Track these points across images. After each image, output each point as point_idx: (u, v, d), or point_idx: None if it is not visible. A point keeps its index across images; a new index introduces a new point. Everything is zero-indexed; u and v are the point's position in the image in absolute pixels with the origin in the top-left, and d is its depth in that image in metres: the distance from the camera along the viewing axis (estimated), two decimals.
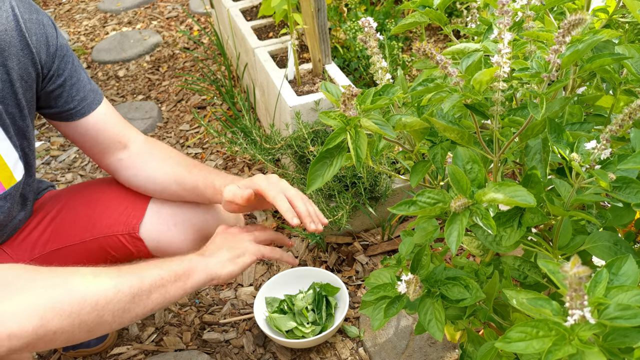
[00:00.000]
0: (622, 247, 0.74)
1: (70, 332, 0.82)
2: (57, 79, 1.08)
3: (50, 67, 1.06)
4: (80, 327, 0.83)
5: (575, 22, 0.62)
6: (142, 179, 1.21)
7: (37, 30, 1.02)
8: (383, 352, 1.39)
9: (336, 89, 0.79)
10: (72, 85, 1.10)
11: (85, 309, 0.83)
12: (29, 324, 0.78)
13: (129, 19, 3.56)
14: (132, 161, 1.20)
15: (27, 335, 0.77)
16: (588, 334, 0.55)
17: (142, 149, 1.21)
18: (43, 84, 1.07)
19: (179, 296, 0.97)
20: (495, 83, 0.69)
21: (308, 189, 0.74)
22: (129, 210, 1.22)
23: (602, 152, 0.66)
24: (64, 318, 0.81)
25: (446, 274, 0.84)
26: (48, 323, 0.79)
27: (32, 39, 1.01)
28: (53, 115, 1.12)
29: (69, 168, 2.32)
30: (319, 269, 1.54)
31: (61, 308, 0.81)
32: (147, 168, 1.20)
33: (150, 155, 1.21)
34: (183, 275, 0.98)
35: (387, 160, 1.61)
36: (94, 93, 1.14)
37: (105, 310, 0.86)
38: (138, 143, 1.21)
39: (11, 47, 0.99)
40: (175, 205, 1.24)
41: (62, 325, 0.81)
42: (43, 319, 0.79)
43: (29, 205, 1.20)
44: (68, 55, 1.09)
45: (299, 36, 2.06)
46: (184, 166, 1.20)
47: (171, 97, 2.68)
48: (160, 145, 1.24)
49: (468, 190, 0.69)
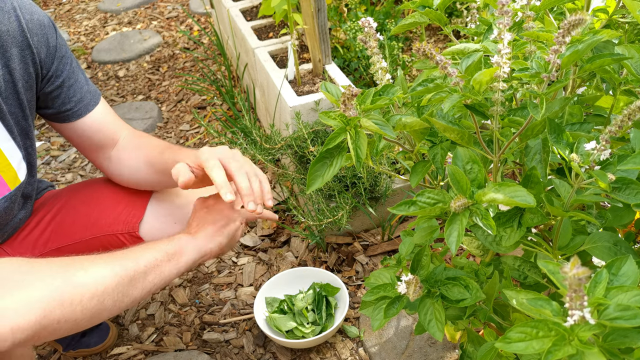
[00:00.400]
0: (622, 247, 0.74)
1: (73, 320, 0.83)
2: (56, 80, 1.08)
3: (49, 67, 1.06)
4: (83, 314, 0.84)
5: (575, 23, 0.62)
6: (121, 168, 1.21)
7: (38, 31, 1.03)
8: (383, 352, 1.39)
9: (336, 89, 0.79)
10: (69, 86, 1.10)
11: (86, 296, 0.84)
12: (32, 316, 0.78)
13: (129, 19, 3.56)
14: (117, 155, 1.20)
15: (30, 327, 0.78)
16: (588, 335, 0.55)
17: (127, 142, 1.21)
18: (42, 84, 1.07)
19: (174, 275, 0.99)
20: (495, 83, 0.69)
21: (308, 189, 0.74)
22: (129, 209, 1.23)
23: (601, 153, 0.66)
24: (66, 307, 0.82)
25: (446, 274, 0.84)
26: (50, 313, 0.80)
27: (34, 40, 1.02)
28: (50, 116, 1.13)
29: (69, 168, 2.32)
30: (319, 269, 1.54)
31: (61, 297, 0.81)
32: (126, 157, 1.20)
33: (130, 145, 1.21)
34: (175, 254, 1.00)
35: (387, 160, 1.61)
36: (91, 94, 1.14)
37: (105, 295, 0.87)
38: (124, 137, 1.21)
39: (13, 48, 0.99)
40: (174, 203, 1.24)
41: (64, 314, 0.81)
42: (45, 310, 0.79)
43: (29, 204, 1.20)
44: (67, 56, 1.10)
45: (299, 36, 2.06)
46: (157, 149, 1.17)
47: (171, 97, 2.68)
48: (142, 134, 1.22)
49: (468, 191, 0.69)
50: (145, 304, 1.65)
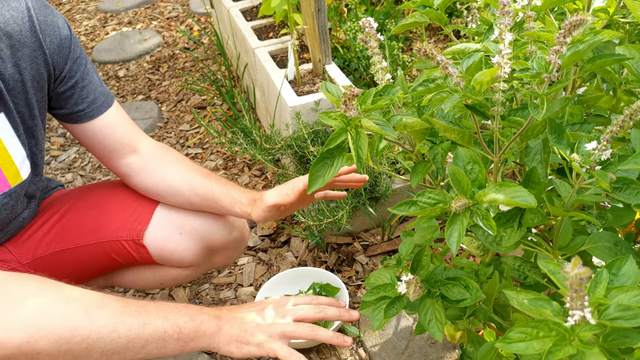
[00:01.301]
0: (622, 247, 0.74)
1: (54, 356, 0.81)
2: (69, 80, 1.08)
3: (62, 68, 1.06)
4: (65, 355, 0.82)
5: (576, 23, 0.62)
6: (154, 183, 1.20)
7: (51, 32, 1.03)
8: (383, 352, 1.39)
9: (336, 89, 0.79)
10: (83, 87, 1.10)
11: (76, 339, 0.82)
12: (16, 338, 0.77)
13: (129, 19, 3.56)
14: (143, 165, 1.19)
15: (10, 347, 0.77)
16: (588, 335, 0.55)
17: (154, 152, 1.20)
18: (55, 85, 1.07)
19: (175, 353, 0.93)
20: (495, 83, 0.69)
21: (309, 190, 0.74)
22: (135, 215, 1.22)
23: (602, 153, 0.66)
24: (52, 342, 0.80)
25: (446, 274, 0.84)
26: (35, 342, 0.78)
27: (46, 40, 1.02)
28: (63, 116, 1.13)
29: (69, 168, 2.32)
30: (319, 269, 1.54)
31: (52, 331, 0.80)
32: (160, 172, 1.19)
33: (163, 158, 1.20)
34: (187, 336, 0.94)
35: (387, 160, 1.62)
36: (104, 96, 1.14)
37: (95, 346, 0.84)
38: (149, 147, 1.20)
39: (25, 48, 0.99)
40: (182, 212, 1.23)
41: (48, 348, 0.80)
42: (31, 337, 0.78)
43: (34, 204, 1.19)
44: (81, 57, 1.10)
45: (299, 36, 2.06)
46: (198, 172, 1.20)
47: (171, 97, 2.68)
48: (172, 150, 1.24)
49: (469, 191, 0.69)
50: None
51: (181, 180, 1.19)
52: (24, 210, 1.16)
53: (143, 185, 1.21)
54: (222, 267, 1.64)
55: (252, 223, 1.88)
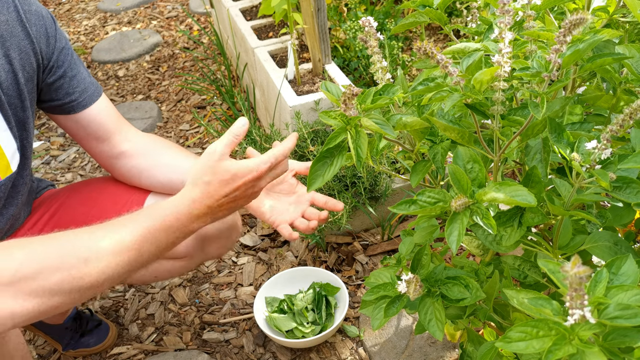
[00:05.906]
0: (622, 246, 0.74)
1: (70, 303, 0.84)
2: (57, 70, 1.09)
3: (50, 57, 1.07)
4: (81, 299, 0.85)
5: (576, 22, 0.62)
6: (147, 168, 1.20)
7: (36, 21, 1.04)
8: (383, 352, 1.39)
9: (336, 88, 0.79)
10: (72, 77, 1.11)
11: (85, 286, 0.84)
12: (30, 305, 0.79)
13: (128, 18, 3.56)
14: (137, 149, 1.20)
15: (28, 313, 0.79)
16: (588, 334, 0.55)
17: (145, 137, 1.21)
18: (44, 75, 1.08)
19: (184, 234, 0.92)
20: (495, 82, 0.69)
21: (309, 189, 0.74)
22: (127, 207, 1.22)
23: (602, 152, 0.66)
24: (65, 296, 0.83)
25: (446, 273, 0.84)
26: (49, 301, 0.81)
27: (33, 30, 1.03)
28: (55, 109, 1.13)
29: (69, 168, 2.32)
30: (319, 268, 1.54)
31: (60, 289, 0.82)
32: (155, 153, 1.20)
33: (155, 142, 1.21)
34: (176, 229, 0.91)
35: (387, 160, 1.61)
36: (94, 86, 1.15)
37: (103, 285, 0.87)
38: (139, 134, 1.21)
39: (13, 37, 1.00)
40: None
41: (63, 301, 0.83)
42: (43, 298, 0.80)
43: (19, 198, 1.19)
44: (67, 47, 1.11)
45: (299, 36, 2.06)
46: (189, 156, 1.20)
47: (171, 97, 2.67)
48: (161, 138, 1.25)
49: (468, 190, 0.69)
50: (145, 303, 1.65)
51: (176, 158, 1.19)
52: (10, 206, 1.16)
53: (138, 170, 1.21)
54: (216, 258, 1.62)
55: (252, 223, 1.88)
